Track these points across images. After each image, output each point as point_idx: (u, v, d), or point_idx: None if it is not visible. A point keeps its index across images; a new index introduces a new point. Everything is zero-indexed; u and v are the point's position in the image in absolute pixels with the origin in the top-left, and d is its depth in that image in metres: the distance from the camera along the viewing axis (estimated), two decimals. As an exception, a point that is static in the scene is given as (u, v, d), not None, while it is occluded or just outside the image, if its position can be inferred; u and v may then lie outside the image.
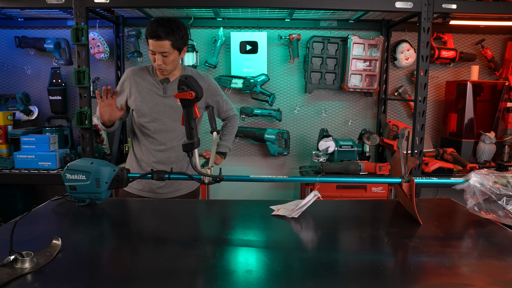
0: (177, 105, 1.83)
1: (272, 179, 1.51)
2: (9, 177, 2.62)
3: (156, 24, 1.71)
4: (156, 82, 1.87)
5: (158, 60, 1.76)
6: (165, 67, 1.79)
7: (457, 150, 2.87)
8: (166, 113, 1.86)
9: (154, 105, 1.86)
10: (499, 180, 1.28)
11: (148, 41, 1.74)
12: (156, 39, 1.71)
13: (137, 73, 1.89)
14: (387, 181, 1.47)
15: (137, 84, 1.87)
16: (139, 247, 1.13)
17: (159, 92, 1.86)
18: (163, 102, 1.86)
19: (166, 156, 1.90)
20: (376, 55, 2.94)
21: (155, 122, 1.87)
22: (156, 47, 1.73)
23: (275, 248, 1.10)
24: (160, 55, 1.74)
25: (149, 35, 1.72)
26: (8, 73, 3.12)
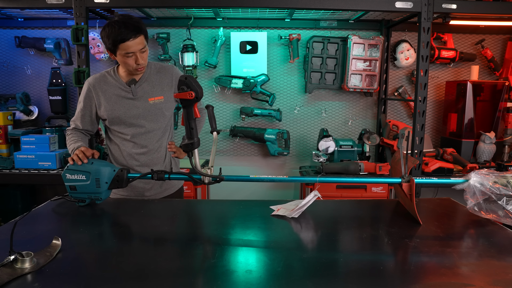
0: (150, 104, 1.76)
1: (272, 179, 1.51)
2: (9, 177, 2.62)
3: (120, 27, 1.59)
4: (123, 86, 1.76)
5: (139, 59, 1.66)
6: (144, 64, 1.70)
7: (457, 150, 2.87)
8: (141, 115, 1.76)
9: (126, 110, 1.75)
10: (499, 180, 1.28)
11: (121, 46, 1.61)
12: (133, 38, 1.61)
13: (99, 81, 1.77)
14: (387, 181, 1.47)
15: (103, 93, 1.75)
16: (139, 247, 1.13)
17: (128, 95, 1.75)
18: (134, 105, 1.75)
19: (149, 158, 1.80)
20: (376, 55, 2.94)
21: (132, 127, 1.77)
22: (136, 46, 1.63)
23: (275, 248, 1.10)
24: (139, 52, 1.65)
25: (123, 39, 1.60)
26: (8, 73, 3.12)
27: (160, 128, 1.81)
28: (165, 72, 1.82)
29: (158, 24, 3.03)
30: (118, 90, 1.76)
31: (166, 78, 1.81)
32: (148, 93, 1.77)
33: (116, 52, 1.65)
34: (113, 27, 1.60)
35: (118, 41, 1.60)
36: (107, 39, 1.63)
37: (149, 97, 1.76)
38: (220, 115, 3.15)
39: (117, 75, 1.79)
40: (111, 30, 1.60)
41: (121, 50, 1.63)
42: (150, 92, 1.77)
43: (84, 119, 1.78)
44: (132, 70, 1.70)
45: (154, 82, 1.79)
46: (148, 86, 1.77)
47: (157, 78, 1.80)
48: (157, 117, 1.79)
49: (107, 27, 1.62)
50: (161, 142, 1.83)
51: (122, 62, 1.69)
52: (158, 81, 1.80)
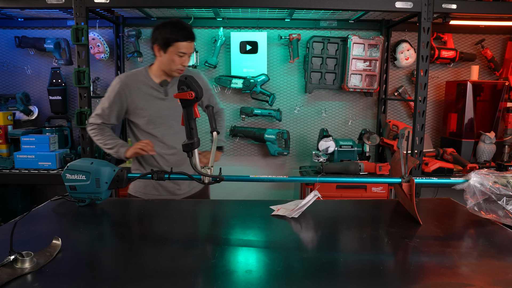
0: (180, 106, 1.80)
1: (272, 179, 1.51)
2: (9, 177, 2.62)
3: (182, 27, 1.72)
4: (155, 86, 1.82)
5: (186, 60, 1.78)
6: (185, 67, 1.81)
7: (457, 150, 2.87)
8: (171, 116, 1.83)
9: (158, 110, 1.81)
10: (499, 180, 1.28)
11: (177, 44, 1.72)
12: (190, 40, 1.74)
13: (132, 80, 1.82)
14: (387, 181, 1.47)
15: (136, 91, 1.80)
16: (139, 247, 1.13)
17: (160, 95, 1.82)
18: (165, 105, 1.82)
19: (178, 159, 1.86)
20: (376, 55, 2.94)
21: (161, 127, 1.83)
22: (189, 49, 1.75)
23: (275, 248, 1.10)
24: (187, 56, 1.77)
25: (184, 38, 1.72)
26: (8, 73, 3.12)
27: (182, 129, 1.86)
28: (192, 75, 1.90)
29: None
30: (150, 89, 1.82)
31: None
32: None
33: (168, 49, 1.74)
34: (175, 26, 1.72)
35: (177, 40, 1.71)
36: (164, 35, 1.72)
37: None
38: (220, 115, 3.15)
39: (148, 75, 1.84)
40: (172, 28, 1.72)
41: (175, 48, 1.73)
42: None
43: (112, 114, 1.83)
44: (173, 70, 1.78)
45: None
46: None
47: None
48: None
49: (168, 25, 1.73)
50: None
51: (168, 60, 1.76)
52: None
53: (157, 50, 1.77)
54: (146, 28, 3.04)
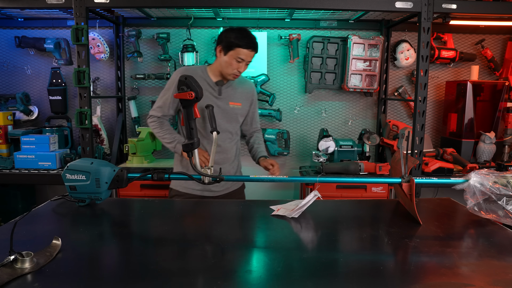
0: (230, 107, 1.93)
1: (272, 179, 1.51)
2: (9, 177, 2.62)
3: (247, 35, 1.83)
4: (211, 83, 1.91)
5: (243, 68, 1.86)
6: (240, 74, 1.90)
7: (457, 150, 2.87)
8: (220, 114, 1.89)
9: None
10: (499, 180, 1.28)
11: (238, 50, 1.80)
12: (252, 49, 1.83)
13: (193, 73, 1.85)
14: (387, 181, 1.47)
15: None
16: (139, 247, 1.13)
17: (214, 93, 1.91)
18: (217, 104, 1.89)
19: (221, 157, 1.94)
20: (376, 55, 2.94)
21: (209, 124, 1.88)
22: (248, 57, 1.84)
23: (275, 248, 1.10)
24: (245, 63, 1.85)
25: (245, 46, 1.81)
26: (8, 73, 3.12)
27: (233, 131, 1.98)
28: (247, 85, 2.05)
29: (158, 24, 3.03)
30: (206, 85, 1.90)
31: (246, 90, 2.03)
32: (230, 97, 1.95)
33: (229, 52, 1.83)
34: (242, 33, 1.83)
35: (238, 45, 1.80)
36: (229, 38, 1.81)
37: (231, 101, 1.95)
38: (220, 115, 3.15)
39: (206, 72, 1.94)
40: (236, 34, 1.82)
41: (235, 53, 1.82)
42: (232, 97, 1.96)
43: (171, 106, 1.92)
44: (229, 73, 1.87)
45: (237, 89, 1.98)
46: (231, 91, 1.96)
47: (239, 87, 2.00)
48: (232, 120, 1.96)
49: (234, 31, 1.84)
50: (233, 143, 2.00)
51: (226, 63, 1.85)
52: (240, 89, 2.00)
53: (218, 50, 1.87)
54: (146, 28, 3.04)
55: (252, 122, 2.12)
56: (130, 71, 3.09)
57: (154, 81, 3.11)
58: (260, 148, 2.10)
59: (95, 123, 2.98)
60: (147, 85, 3.12)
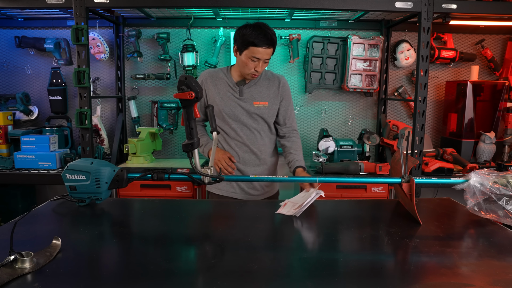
0: (254, 108, 1.85)
1: (272, 179, 1.51)
2: (9, 177, 2.62)
3: (260, 32, 1.68)
4: (232, 85, 1.87)
5: (260, 66, 1.75)
6: (259, 73, 1.79)
7: (457, 150, 2.87)
8: (244, 115, 1.86)
9: (232, 108, 1.85)
10: (499, 180, 1.28)
11: (251, 49, 1.70)
12: (266, 47, 1.70)
13: (212, 76, 1.89)
14: (387, 181, 1.47)
15: (215, 87, 1.87)
16: (139, 247, 1.13)
17: (235, 94, 1.86)
18: (240, 104, 1.85)
19: (250, 158, 1.90)
20: (376, 55, 2.94)
21: (235, 125, 1.87)
22: (264, 55, 1.72)
23: (275, 248, 1.10)
24: (262, 61, 1.74)
25: (260, 43, 1.69)
26: (8, 73, 3.12)
27: (263, 130, 1.91)
28: (273, 80, 1.91)
29: (158, 24, 3.03)
30: (227, 87, 1.87)
31: (273, 86, 1.90)
32: (254, 97, 1.86)
33: (243, 52, 1.74)
34: (253, 29, 1.69)
35: (251, 44, 1.69)
36: (242, 37, 1.71)
37: (255, 100, 1.86)
38: (220, 115, 3.15)
39: (229, 73, 1.89)
40: (250, 31, 1.69)
41: (249, 52, 1.72)
42: (256, 96, 1.86)
43: (201, 109, 1.89)
44: (246, 73, 1.78)
45: (262, 87, 1.88)
46: (256, 90, 1.87)
47: (265, 84, 1.89)
48: (259, 121, 1.88)
49: (248, 27, 1.71)
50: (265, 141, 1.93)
51: (242, 63, 1.77)
52: (266, 87, 1.89)
53: (234, 50, 1.80)
54: (146, 28, 3.04)
55: (285, 121, 1.97)
56: (130, 71, 3.09)
57: (154, 81, 3.11)
58: (298, 157, 1.89)
59: (95, 123, 2.98)
60: (147, 85, 3.12)
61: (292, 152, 1.91)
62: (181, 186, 2.63)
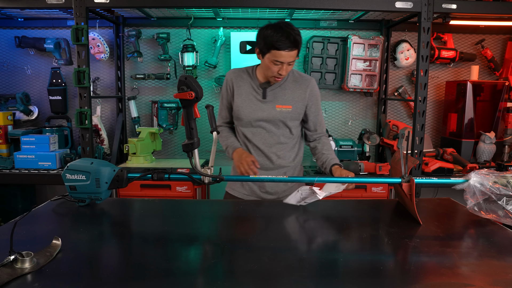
0: (276, 111, 1.75)
1: (272, 179, 1.51)
2: (9, 177, 2.62)
3: (283, 33, 1.57)
4: (256, 86, 1.78)
5: (284, 70, 1.64)
6: (283, 76, 1.69)
7: (457, 150, 2.87)
8: (265, 119, 1.76)
9: (252, 111, 1.76)
10: (499, 180, 1.28)
11: (273, 52, 1.60)
12: (288, 50, 1.59)
13: (237, 75, 1.81)
14: (387, 181, 1.47)
15: (238, 87, 1.79)
16: (139, 247, 1.13)
17: (258, 96, 1.77)
18: (261, 107, 1.76)
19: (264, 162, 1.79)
20: (376, 55, 2.94)
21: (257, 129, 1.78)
22: (287, 58, 1.61)
23: (274, 248, 1.10)
24: (286, 64, 1.63)
25: (281, 47, 1.58)
26: (8, 73, 3.12)
27: (284, 138, 1.80)
28: (301, 83, 1.79)
29: (158, 24, 3.03)
30: (250, 88, 1.78)
31: (300, 89, 1.78)
32: (277, 99, 1.76)
33: (266, 55, 1.64)
34: (275, 30, 1.59)
35: (273, 47, 1.59)
36: (264, 39, 1.62)
37: (278, 103, 1.75)
38: (220, 115, 3.15)
39: (254, 74, 1.80)
40: (271, 33, 1.59)
41: (271, 56, 1.62)
42: (280, 98, 1.76)
43: (225, 109, 1.86)
44: (270, 76, 1.70)
45: (287, 90, 1.77)
46: (280, 93, 1.77)
47: (291, 87, 1.78)
48: (280, 126, 1.77)
49: (269, 28, 1.61)
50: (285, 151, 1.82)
51: (265, 66, 1.68)
52: (291, 90, 1.77)
53: (257, 52, 1.71)
54: (146, 28, 3.04)
55: (315, 127, 1.86)
56: (130, 71, 3.09)
57: (154, 81, 3.11)
58: (331, 155, 1.79)
59: (95, 123, 2.99)
60: (147, 85, 3.12)
61: (324, 153, 1.81)
62: (181, 186, 2.63)
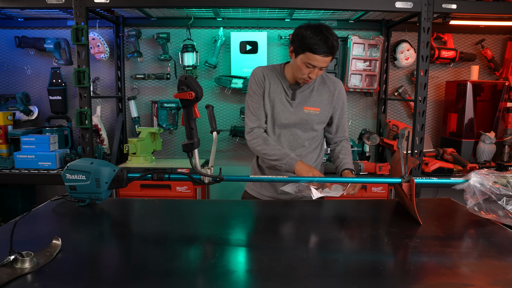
0: (304, 113, 1.71)
1: (272, 179, 1.51)
2: (9, 177, 2.62)
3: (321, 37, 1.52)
4: (286, 86, 1.73)
5: (315, 74, 1.61)
6: (312, 80, 1.65)
7: (457, 150, 2.87)
8: (293, 120, 1.73)
9: (280, 111, 1.72)
10: (499, 180, 1.28)
11: (308, 55, 1.55)
12: (325, 55, 1.54)
13: (267, 72, 1.75)
14: (387, 181, 1.47)
15: (268, 85, 1.73)
16: (139, 247, 1.13)
17: (287, 97, 1.73)
18: (288, 109, 1.72)
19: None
20: (376, 55, 2.94)
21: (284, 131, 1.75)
22: (321, 63, 1.57)
23: (275, 248, 1.10)
24: (318, 69, 1.59)
25: (318, 51, 1.53)
26: (8, 73, 3.12)
27: (308, 141, 1.77)
28: (329, 85, 1.76)
29: (158, 24, 3.03)
30: (280, 88, 1.73)
31: (328, 92, 1.75)
32: (306, 101, 1.72)
33: (299, 55, 1.59)
34: (314, 33, 1.53)
35: (309, 49, 1.54)
36: (301, 40, 1.56)
37: (306, 105, 1.72)
38: (220, 115, 3.15)
39: (283, 73, 1.75)
40: (310, 35, 1.53)
41: (305, 58, 1.57)
42: (308, 100, 1.73)
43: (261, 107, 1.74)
44: (299, 78, 1.66)
45: (315, 92, 1.74)
46: (308, 94, 1.73)
47: (320, 89, 1.75)
48: (307, 128, 1.74)
49: (308, 29, 1.55)
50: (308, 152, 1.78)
51: (296, 66, 1.63)
52: (319, 92, 1.74)
53: (290, 51, 1.65)
54: (146, 28, 3.04)
55: (337, 130, 1.83)
56: (130, 71, 3.10)
57: (154, 81, 3.11)
58: (346, 160, 1.76)
59: (95, 123, 2.99)
60: (147, 85, 3.12)
61: (340, 156, 1.78)
62: (181, 186, 2.63)
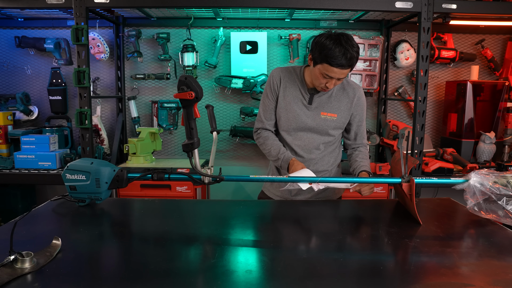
0: (320, 119, 1.69)
1: (272, 179, 1.51)
2: (9, 177, 2.62)
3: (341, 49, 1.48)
4: (304, 90, 1.70)
5: (332, 84, 1.58)
6: (329, 89, 1.63)
7: (457, 150, 2.87)
8: (309, 125, 1.70)
9: (296, 115, 1.70)
10: (499, 180, 1.28)
11: (326, 66, 1.52)
12: (342, 68, 1.51)
13: (285, 75, 1.72)
14: (387, 181, 1.47)
15: (284, 88, 1.71)
16: (139, 247, 1.13)
17: (304, 101, 1.70)
18: (305, 113, 1.69)
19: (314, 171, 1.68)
20: (376, 55, 2.94)
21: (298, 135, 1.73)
22: (339, 74, 1.54)
23: (275, 248, 1.10)
24: (335, 79, 1.57)
25: (336, 64, 1.50)
26: (8, 73, 3.12)
27: (323, 145, 1.75)
28: (349, 91, 1.73)
29: (158, 24, 3.03)
30: (297, 92, 1.71)
31: (347, 97, 1.72)
32: (323, 106, 1.70)
33: (317, 65, 1.56)
34: (334, 44, 1.49)
35: (326, 61, 1.51)
36: (319, 49, 1.53)
37: (323, 111, 1.70)
38: (220, 115, 3.15)
39: (302, 76, 1.72)
40: (330, 46, 1.49)
41: (322, 68, 1.54)
42: (326, 106, 1.70)
43: (270, 109, 1.74)
44: (316, 85, 1.64)
45: (333, 97, 1.71)
46: (326, 99, 1.71)
47: (338, 94, 1.72)
48: (323, 133, 1.72)
49: (328, 39, 1.51)
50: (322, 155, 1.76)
51: (314, 75, 1.60)
52: (338, 98, 1.71)
53: (309, 58, 1.62)
54: (146, 28, 3.04)
55: (356, 137, 1.80)
56: (130, 71, 3.10)
57: (154, 81, 3.11)
58: (364, 163, 1.74)
59: (95, 123, 2.99)
60: (147, 85, 3.12)
61: (357, 160, 1.76)
62: (181, 186, 2.63)
